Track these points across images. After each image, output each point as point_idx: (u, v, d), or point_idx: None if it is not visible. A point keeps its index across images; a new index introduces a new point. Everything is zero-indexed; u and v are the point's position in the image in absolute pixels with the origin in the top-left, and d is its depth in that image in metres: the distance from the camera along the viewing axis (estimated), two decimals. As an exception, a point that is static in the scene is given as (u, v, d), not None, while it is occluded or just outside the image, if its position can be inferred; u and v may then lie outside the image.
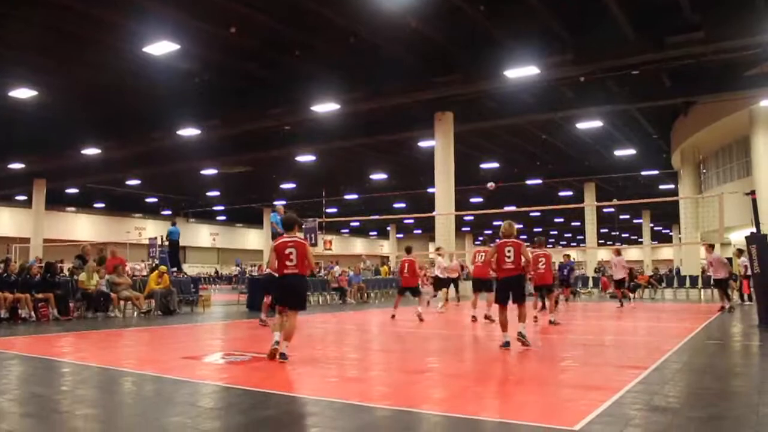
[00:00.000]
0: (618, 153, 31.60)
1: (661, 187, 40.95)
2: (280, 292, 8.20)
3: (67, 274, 17.79)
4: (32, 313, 13.71)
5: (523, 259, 8.82)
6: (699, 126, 26.13)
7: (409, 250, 16.00)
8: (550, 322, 12.84)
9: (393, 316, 14.42)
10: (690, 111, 26.04)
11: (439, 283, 18.57)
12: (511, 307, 9.02)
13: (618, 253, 20.37)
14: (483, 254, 13.07)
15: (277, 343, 7.74)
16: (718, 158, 29.83)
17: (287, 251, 7.77)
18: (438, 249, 20.59)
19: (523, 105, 22.51)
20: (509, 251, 8.76)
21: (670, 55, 16.96)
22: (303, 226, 17.68)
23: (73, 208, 47.41)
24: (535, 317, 13.14)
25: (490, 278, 13.22)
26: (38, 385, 6.64)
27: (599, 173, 35.83)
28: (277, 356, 7.60)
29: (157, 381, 6.70)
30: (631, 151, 31.36)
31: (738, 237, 29.80)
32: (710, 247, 16.86)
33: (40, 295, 13.88)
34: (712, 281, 20.01)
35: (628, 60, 17.56)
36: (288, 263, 7.76)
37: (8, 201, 42.67)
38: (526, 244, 9.23)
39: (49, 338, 11.06)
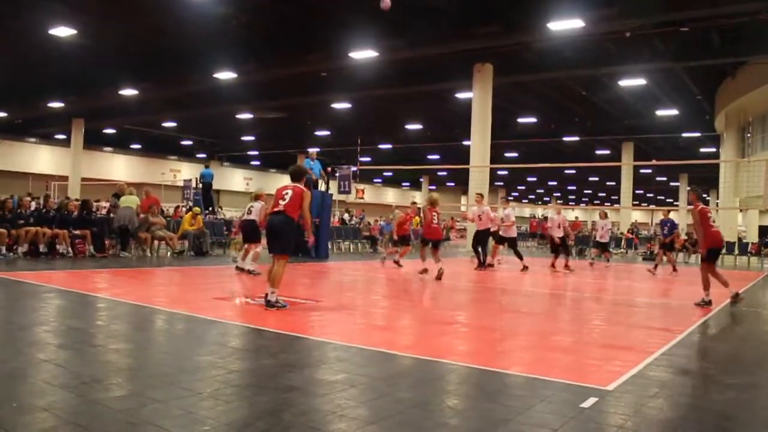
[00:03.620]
0: (659, 113, 30.75)
1: (702, 150, 39.93)
2: (267, 235, 7.81)
3: (103, 212, 18.08)
4: (69, 249, 14.04)
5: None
6: (747, 88, 25.20)
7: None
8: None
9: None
10: (738, 72, 25.11)
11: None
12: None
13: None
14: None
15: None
16: (765, 123, 28.85)
17: (284, 193, 7.65)
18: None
19: (565, 59, 21.86)
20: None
21: (723, 11, 16.28)
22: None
23: (110, 149, 47.95)
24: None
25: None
26: (74, 318, 6.78)
27: (638, 133, 34.98)
28: (264, 302, 7.48)
29: (189, 320, 6.79)
30: (673, 112, 30.47)
31: (779, 205, 29.00)
32: None
33: (77, 232, 14.19)
34: None
35: (679, 15, 16.91)
36: (280, 202, 7.56)
37: (48, 139, 43.30)
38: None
39: (85, 273, 11.29)
